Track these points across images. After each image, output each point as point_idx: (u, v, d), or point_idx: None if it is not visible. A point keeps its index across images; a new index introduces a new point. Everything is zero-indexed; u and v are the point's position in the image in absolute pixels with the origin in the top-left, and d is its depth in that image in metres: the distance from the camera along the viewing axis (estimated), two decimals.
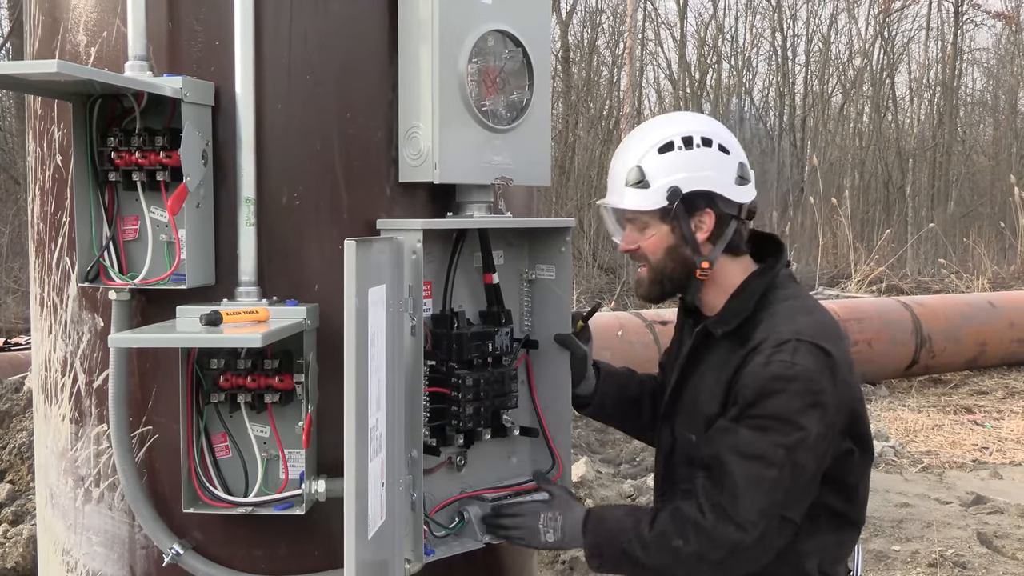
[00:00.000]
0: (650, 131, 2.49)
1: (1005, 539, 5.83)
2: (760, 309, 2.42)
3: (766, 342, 2.33)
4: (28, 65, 2.00)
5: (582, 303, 13.44)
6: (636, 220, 2.46)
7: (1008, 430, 8.89)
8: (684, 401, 2.52)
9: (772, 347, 2.31)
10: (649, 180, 2.41)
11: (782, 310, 2.42)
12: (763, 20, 26.98)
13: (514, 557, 2.77)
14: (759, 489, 2.25)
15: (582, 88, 22.31)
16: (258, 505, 2.31)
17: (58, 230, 2.48)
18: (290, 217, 2.34)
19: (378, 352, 2.11)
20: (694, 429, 2.45)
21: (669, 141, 2.41)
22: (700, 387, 2.48)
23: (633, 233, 2.48)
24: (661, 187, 2.41)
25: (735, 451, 2.27)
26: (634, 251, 2.49)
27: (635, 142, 2.48)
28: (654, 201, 2.41)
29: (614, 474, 6.61)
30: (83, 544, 2.49)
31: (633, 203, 2.44)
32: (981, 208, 24.92)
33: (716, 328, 2.45)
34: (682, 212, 2.40)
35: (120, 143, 2.24)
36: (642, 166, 2.42)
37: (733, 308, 2.45)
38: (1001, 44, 29.93)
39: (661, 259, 2.46)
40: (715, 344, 2.46)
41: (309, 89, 2.34)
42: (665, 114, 2.74)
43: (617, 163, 2.48)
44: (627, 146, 2.49)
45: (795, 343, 2.30)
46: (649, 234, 2.45)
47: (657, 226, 2.44)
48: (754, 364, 2.31)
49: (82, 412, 2.47)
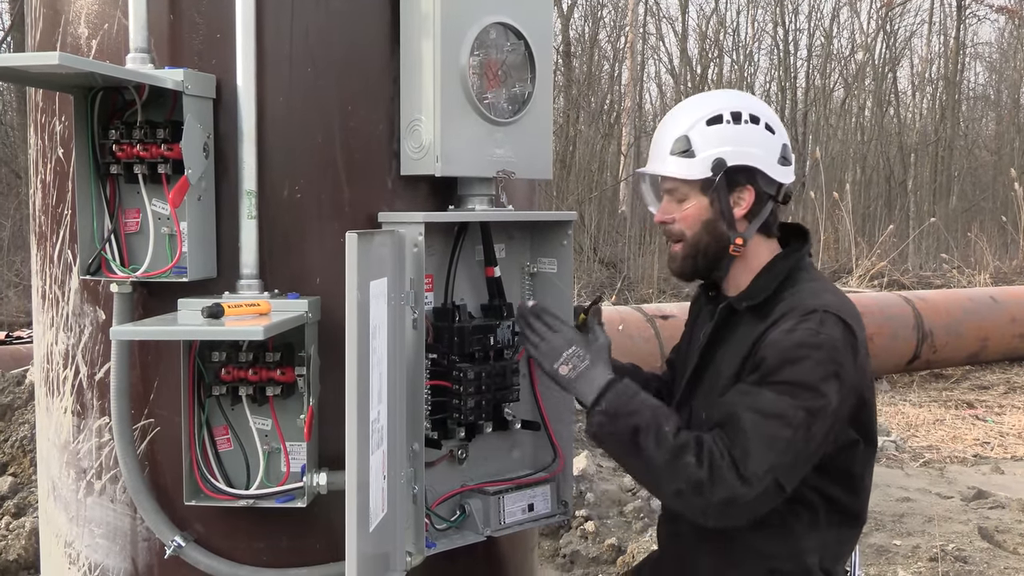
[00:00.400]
0: (700, 103, 2.50)
1: (1006, 534, 5.83)
2: (783, 288, 2.45)
3: (791, 313, 2.35)
4: (29, 57, 2.00)
5: (583, 297, 13.42)
6: (676, 191, 2.46)
7: (1009, 425, 8.89)
8: (704, 382, 2.51)
9: (799, 316, 2.33)
10: (695, 150, 2.43)
11: (807, 289, 2.45)
12: (765, 14, 26.96)
13: (515, 550, 2.77)
14: (772, 447, 2.24)
15: (583, 82, 22.28)
16: (260, 498, 2.32)
17: (60, 223, 2.48)
18: (292, 210, 2.34)
19: (379, 345, 2.11)
20: (708, 407, 2.44)
21: (719, 114, 2.42)
22: (721, 365, 2.47)
23: (671, 204, 2.47)
24: (706, 158, 2.42)
25: (753, 409, 2.26)
26: (669, 223, 2.48)
27: (683, 112, 2.50)
28: (699, 171, 2.43)
29: (615, 468, 6.60)
30: (85, 536, 2.49)
31: (677, 171, 2.44)
32: (983, 203, 24.90)
33: (740, 303, 2.46)
34: (723, 186, 2.42)
35: (122, 136, 2.24)
36: (689, 136, 2.44)
37: (760, 285, 2.47)
38: (1004, 38, 29.93)
39: (697, 232, 2.46)
40: (737, 321, 2.48)
41: (311, 82, 2.34)
42: (715, 89, 2.76)
43: (663, 132, 2.48)
44: (675, 116, 2.50)
45: (822, 314, 2.33)
46: (687, 206, 2.45)
47: (696, 198, 2.45)
48: (778, 331, 2.33)
49: (84, 405, 2.47)
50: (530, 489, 2.56)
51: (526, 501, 2.55)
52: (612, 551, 5.26)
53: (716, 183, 2.41)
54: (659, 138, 2.49)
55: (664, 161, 2.45)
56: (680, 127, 2.46)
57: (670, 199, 2.48)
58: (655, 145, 2.49)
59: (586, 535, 5.41)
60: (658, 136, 2.50)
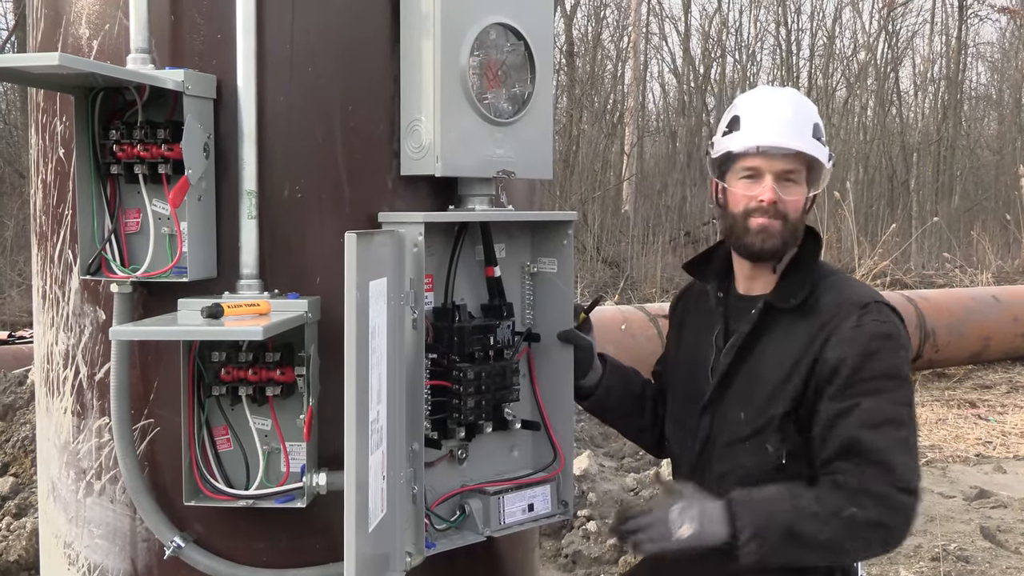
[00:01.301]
0: (803, 96, 2.59)
1: (1008, 533, 5.83)
2: (816, 285, 2.49)
3: (843, 308, 2.40)
4: (30, 58, 2.00)
5: (586, 297, 13.42)
6: (796, 173, 2.47)
7: (1012, 424, 8.88)
8: (737, 384, 2.51)
9: (857, 311, 2.38)
10: (824, 141, 2.51)
11: (838, 282, 2.51)
12: (767, 14, 26.94)
13: (515, 550, 2.77)
14: (906, 451, 2.29)
15: (587, 82, 22.28)
16: (259, 498, 2.32)
17: (60, 223, 2.48)
18: (292, 210, 2.34)
19: (379, 345, 2.11)
20: (747, 406, 2.45)
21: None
22: (761, 364, 2.48)
23: (782, 185, 2.47)
24: (827, 149, 2.51)
25: (865, 426, 2.28)
26: (779, 202, 2.46)
27: (803, 100, 2.56)
28: (827, 161, 2.50)
29: (617, 468, 6.61)
30: (85, 537, 2.49)
31: (820, 154, 2.49)
32: (985, 202, 24.87)
33: (783, 302, 2.48)
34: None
35: (122, 136, 2.23)
36: (819, 124, 2.51)
37: (796, 282, 2.50)
38: (1006, 38, 29.88)
39: (797, 218, 2.50)
40: (774, 321, 2.49)
41: (311, 82, 2.34)
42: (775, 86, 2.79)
43: (798, 112, 2.50)
44: (801, 101, 2.55)
45: (875, 304, 2.41)
46: (795, 191, 2.48)
47: (803, 185, 2.49)
48: (844, 331, 2.37)
49: (84, 405, 2.47)
50: (530, 489, 2.56)
51: (526, 501, 2.55)
52: (614, 551, 5.25)
53: (825, 177, 2.49)
54: (797, 116, 2.49)
55: (810, 143, 2.48)
56: (813, 113, 2.52)
57: (781, 181, 2.47)
58: (790, 122, 2.48)
59: (588, 535, 5.41)
60: (791, 114, 2.49)
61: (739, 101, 2.60)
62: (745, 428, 2.45)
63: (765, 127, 2.48)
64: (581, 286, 14.32)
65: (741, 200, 2.49)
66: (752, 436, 2.45)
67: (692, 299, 2.81)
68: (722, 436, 2.51)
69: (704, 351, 2.63)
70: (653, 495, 2.61)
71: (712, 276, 2.69)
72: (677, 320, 2.83)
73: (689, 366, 2.68)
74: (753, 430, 2.44)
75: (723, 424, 2.51)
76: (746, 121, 2.52)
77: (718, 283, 2.67)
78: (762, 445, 2.44)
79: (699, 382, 2.61)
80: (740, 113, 2.54)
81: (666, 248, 18.24)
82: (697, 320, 2.72)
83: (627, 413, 2.81)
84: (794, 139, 2.46)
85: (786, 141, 2.45)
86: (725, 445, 2.50)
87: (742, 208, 2.49)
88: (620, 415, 2.83)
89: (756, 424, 2.43)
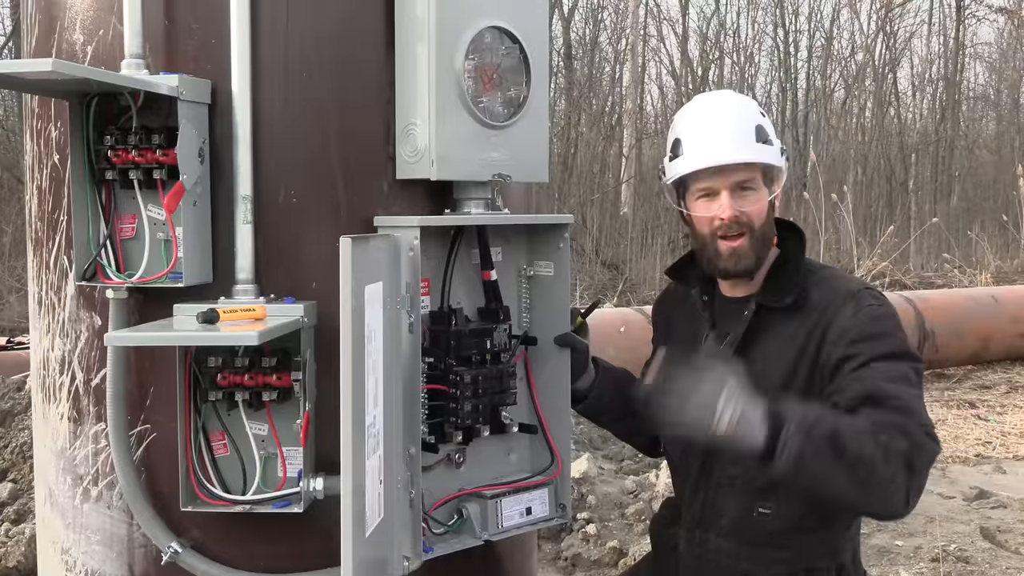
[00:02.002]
0: (740, 97, 2.56)
1: (1008, 534, 5.83)
2: (804, 281, 2.50)
3: (836, 299, 2.41)
4: (24, 64, 1.99)
5: (585, 300, 13.42)
6: (752, 181, 2.45)
7: (1011, 424, 8.88)
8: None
9: (851, 300, 2.40)
10: (771, 139, 2.47)
11: (825, 276, 2.52)
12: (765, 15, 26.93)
13: (513, 554, 2.76)
14: (920, 402, 2.28)
15: (584, 84, 22.28)
16: (256, 503, 2.31)
17: (56, 229, 2.48)
18: (287, 215, 2.34)
19: (375, 349, 2.11)
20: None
21: (760, 108, 2.51)
22: (760, 365, 2.46)
23: (739, 197, 2.45)
24: (778, 148, 2.48)
25: (882, 379, 2.27)
26: (740, 216, 2.44)
27: (743, 103, 2.53)
28: (780, 160, 2.47)
29: (616, 470, 6.61)
30: (82, 543, 2.49)
31: (771, 158, 2.46)
32: (984, 203, 24.86)
33: (776, 302, 2.47)
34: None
35: (117, 141, 2.24)
36: (762, 125, 2.47)
37: (786, 280, 2.50)
38: (1003, 39, 29.87)
39: (763, 224, 2.48)
40: (767, 321, 2.49)
41: (306, 86, 2.34)
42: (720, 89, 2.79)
43: (738, 120, 2.47)
44: (739, 104, 2.53)
45: (866, 291, 2.44)
46: (755, 197, 2.46)
47: (761, 189, 2.47)
48: (842, 320, 2.38)
49: (80, 411, 2.47)
50: (528, 492, 2.55)
51: (524, 504, 2.54)
52: (614, 554, 5.26)
53: (782, 174, 2.48)
54: (734, 127, 2.46)
55: (756, 149, 2.45)
56: (753, 115, 2.48)
57: (737, 192, 2.45)
58: (731, 136, 2.45)
59: (588, 538, 5.41)
60: (729, 126, 2.46)
61: (678, 121, 2.57)
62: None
63: (707, 145, 2.46)
64: (580, 288, 14.33)
65: (703, 222, 2.49)
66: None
67: (676, 303, 2.80)
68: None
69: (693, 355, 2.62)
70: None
71: (696, 280, 2.68)
72: (663, 324, 2.82)
73: None
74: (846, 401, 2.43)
75: None
76: (688, 143, 2.50)
77: (702, 286, 2.66)
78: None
79: None
80: (680, 135, 2.52)
81: (665, 250, 18.24)
82: (683, 324, 2.72)
83: (620, 416, 2.80)
84: (739, 151, 2.44)
85: (731, 156, 2.44)
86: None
87: (707, 229, 2.48)
88: (613, 418, 2.83)
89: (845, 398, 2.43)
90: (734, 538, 2.51)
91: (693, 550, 2.60)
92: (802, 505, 2.42)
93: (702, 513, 2.58)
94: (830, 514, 2.45)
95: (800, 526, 2.43)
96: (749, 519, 2.46)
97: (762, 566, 2.49)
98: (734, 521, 2.51)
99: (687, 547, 2.61)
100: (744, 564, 2.51)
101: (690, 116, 2.56)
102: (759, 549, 2.49)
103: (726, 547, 2.52)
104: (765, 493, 2.45)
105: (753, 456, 2.19)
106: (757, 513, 2.38)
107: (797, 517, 2.44)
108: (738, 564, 2.51)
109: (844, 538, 2.52)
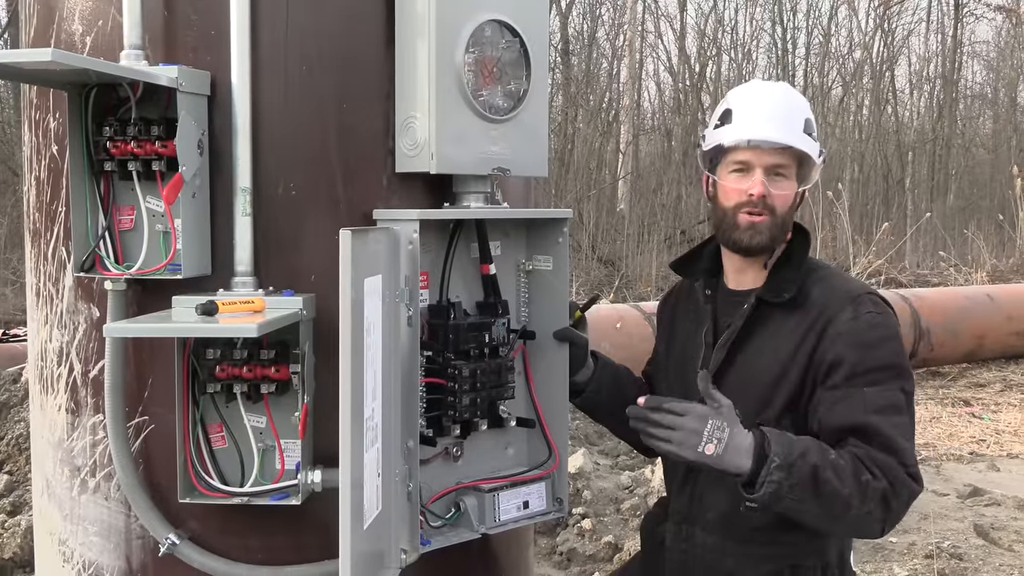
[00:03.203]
0: (795, 90, 2.59)
1: (1002, 531, 5.84)
2: (805, 277, 2.51)
3: (835, 301, 2.43)
4: (23, 54, 1.99)
5: (581, 295, 13.42)
6: (786, 168, 2.48)
7: (1005, 422, 8.90)
8: (731, 380, 2.51)
9: (851, 304, 2.41)
10: (815, 137, 2.51)
11: (827, 276, 2.53)
12: (763, 12, 26.94)
13: (510, 547, 2.77)
14: (907, 437, 2.32)
15: (582, 80, 22.26)
16: (254, 495, 2.31)
17: (54, 220, 2.48)
18: (286, 207, 2.34)
19: (374, 342, 2.11)
20: (743, 402, 2.44)
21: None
22: (755, 359, 2.49)
23: (771, 180, 2.47)
24: (818, 145, 2.51)
25: (870, 411, 2.31)
26: (767, 196, 2.46)
27: (796, 96, 2.56)
28: (818, 157, 2.50)
29: (612, 466, 6.62)
30: (79, 534, 2.49)
31: (811, 149, 2.49)
32: (980, 201, 24.90)
33: (776, 296, 2.49)
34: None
35: (116, 132, 2.23)
36: (811, 119, 2.51)
37: (788, 275, 2.51)
38: (1001, 37, 29.90)
39: (786, 213, 2.51)
40: (766, 316, 2.50)
41: (306, 79, 2.34)
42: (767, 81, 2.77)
43: (790, 106, 2.51)
44: (792, 95, 2.56)
45: (866, 296, 2.44)
46: (784, 186, 2.48)
47: (793, 180, 2.50)
48: (840, 323, 2.39)
49: (78, 402, 2.46)
50: (525, 487, 2.56)
51: (521, 499, 2.55)
52: (609, 548, 5.26)
53: (815, 173, 2.50)
54: (787, 111, 2.50)
55: (801, 138, 2.48)
56: (805, 108, 2.52)
57: (771, 175, 2.47)
58: (780, 119, 2.48)
59: (583, 533, 5.41)
60: (781, 108, 2.50)
61: (731, 94, 2.60)
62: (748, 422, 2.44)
63: (756, 121, 2.48)
64: (576, 284, 14.32)
65: (731, 194, 2.50)
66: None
67: (681, 299, 2.81)
68: None
69: (693, 349, 2.63)
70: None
71: (700, 273, 2.69)
72: (667, 321, 2.83)
73: (679, 364, 2.68)
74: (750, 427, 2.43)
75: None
76: (738, 115, 2.52)
77: (705, 280, 2.67)
78: None
79: (690, 380, 2.60)
80: (732, 107, 2.54)
81: (661, 247, 18.23)
82: (686, 319, 2.73)
83: (617, 410, 2.79)
84: (784, 134, 2.46)
85: (776, 136, 2.46)
86: None
87: (732, 202, 2.50)
88: (610, 412, 2.82)
89: (752, 420, 2.43)
90: (720, 533, 2.52)
91: (679, 545, 2.60)
92: None
93: (689, 507, 2.59)
94: None
95: (786, 523, 2.42)
96: (736, 514, 2.46)
97: (747, 563, 2.49)
98: (720, 516, 2.52)
99: (673, 542, 2.61)
100: (729, 561, 2.51)
101: (746, 92, 2.59)
102: (744, 545, 2.49)
103: (711, 542, 2.53)
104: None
105: (735, 482, 2.28)
106: (744, 507, 2.38)
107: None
108: (723, 560, 2.51)
109: (831, 537, 2.51)
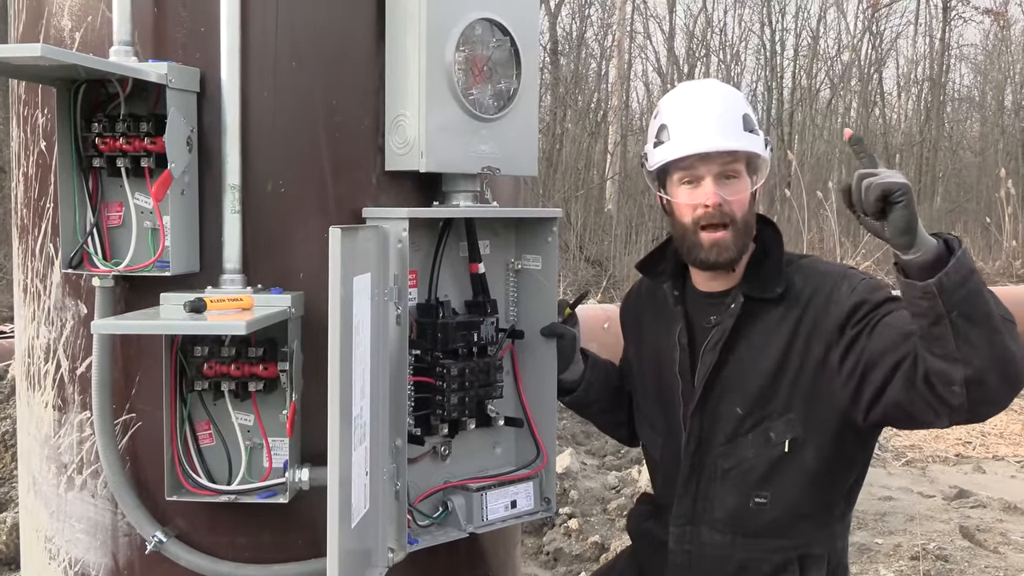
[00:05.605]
0: (725, 86, 2.55)
1: (987, 533, 5.87)
2: (785, 267, 2.50)
3: (826, 281, 2.42)
4: (11, 49, 1.98)
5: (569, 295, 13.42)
6: (736, 171, 2.44)
7: (991, 425, 8.90)
8: (725, 380, 2.49)
9: (843, 280, 2.40)
10: (757, 129, 2.47)
11: (807, 263, 2.52)
12: (752, 14, 27.03)
13: (498, 547, 2.77)
14: None
15: (570, 80, 22.26)
16: (242, 493, 2.31)
17: (42, 216, 2.47)
18: (275, 205, 2.34)
19: (362, 341, 2.11)
20: (742, 400, 2.44)
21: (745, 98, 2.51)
22: (749, 356, 2.47)
23: (723, 185, 2.43)
24: (763, 139, 2.47)
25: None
26: (723, 205, 2.42)
27: (730, 92, 2.52)
28: (764, 150, 2.46)
29: (599, 466, 6.63)
30: (66, 531, 2.48)
31: (756, 146, 2.45)
32: (967, 204, 24.98)
33: (766, 292, 2.46)
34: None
35: (104, 129, 2.22)
36: (748, 114, 2.46)
37: (771, 271, 2.49)
38: (989, 40, 30.01)
39: (746, 215, 2.47)
40: (753, 312, 2.48)
41: (295, 76, 2.33)
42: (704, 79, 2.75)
43: (725, 107, 2.46)
44: (726, 93, 2.51)
45: (851, 270, 2.44)
46: (739, 187, 2.44)
47: (745, 180, 2.45)
48: (840, 294, 2.37)
49: (65, 399, 2.46)
50: (513, 486, 2.56)
51: (509, 498, 2.55)
52: (595, 548, 5.26)
53: (766, 165, 2.47)
54: (722, 115, 2.44)
55: (743, 137, 2.43)
56: (739, 104, 2.47)
57: (721, 180, 2.43)
58: (718, 123, 2.43)
59: (569, 532, 5.42)
60: (716, 114, 2.45)
61: (664, 107, 2.55)
62: (747, 422, 2.45)
63: (694, 132, 2.44)
64: (564, 285, 14.32)
65: (686, 210, 2.46)
66: (754, 428, 2.45)
67: (643, 299, 2.79)
68: (719, 434, 2.49)
69: (667, 351, 2.61)
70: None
71: (667, 275, 2.65)
72: (632, 323, 2.80)
73: (653, 367, 2.67)
74: (755, 422, 2.44)
75: (717, 422, 2.49)
76: (675, 129, 2.48)
77: (673, 281, 2.64)
78: (765, 435, 2.44)
79: (667, 382, 2.60)
80: (667, 121, 2.50)
81: (649, 247, 18.17)
82: (656, 320, 2.70)
83: (607, 408, 2.81)
84: (724, 139, 2.42)
85: (717, 143, 2.42)
86: (725, 442, 2.48)
87: (689, 218, 2.45)
88: (600, 410, 2.83)
89: (757, 416, 2.43)
90: (729, 530, 2.50)
91: (683, 546, 2.57)
92: (797, 491, 2.44)
93: (694, 509, 2.55)
94: (824, 499, 2.45)
95: (796, 512, 2.43)
96: (745, 510, 2.46)
97: (758, 555, 2.48)
98: (729, 513, 2.50)
99: (677, 543, 2.57)
100: (739, 555, 2.49)
101: (676, 103, 2.53)
102: (755, 539, 2.48)
103: (720, 540, 2.51)
104: (760, 483, 2.45)
105: (904, 253, 2.09)
106: (753, 504, 2.38)
107: (793, 503, 2.44)
108: (733, 555, 2.50)
109: (840, 524, 2.53)
